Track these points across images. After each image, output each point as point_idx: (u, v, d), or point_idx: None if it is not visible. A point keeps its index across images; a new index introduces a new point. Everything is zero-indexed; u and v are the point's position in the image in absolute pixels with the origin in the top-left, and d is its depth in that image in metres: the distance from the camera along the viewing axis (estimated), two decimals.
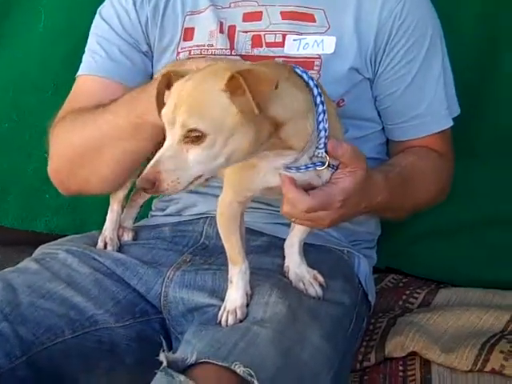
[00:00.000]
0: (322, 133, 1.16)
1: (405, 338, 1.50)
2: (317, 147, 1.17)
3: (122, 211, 1.51)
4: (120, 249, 1.48)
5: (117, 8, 1.53)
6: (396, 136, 1.53)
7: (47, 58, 1.92)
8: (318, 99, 1.15)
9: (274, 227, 1.44)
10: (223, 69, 1.11)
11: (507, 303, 1.68)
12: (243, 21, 1.48)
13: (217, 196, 1.28)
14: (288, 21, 1.46)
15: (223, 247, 1.28)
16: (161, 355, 1.12)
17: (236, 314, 1.24)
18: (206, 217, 1.48)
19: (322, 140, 1.16)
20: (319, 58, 1.43)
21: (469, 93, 1.67)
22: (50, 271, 1.38)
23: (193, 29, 1.51)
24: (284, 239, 1.36)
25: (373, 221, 1.63)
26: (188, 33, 1.51)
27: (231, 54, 1.47)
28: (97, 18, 1.56)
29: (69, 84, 1.57)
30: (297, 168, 1.17)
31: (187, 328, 1.29)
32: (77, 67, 1.56)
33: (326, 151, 1.17)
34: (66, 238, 1.52)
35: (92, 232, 1.53)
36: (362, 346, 1.53)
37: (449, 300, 1.72)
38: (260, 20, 1.47)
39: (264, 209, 1.45)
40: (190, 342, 1.19)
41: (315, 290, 1.31)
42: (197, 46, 1.49)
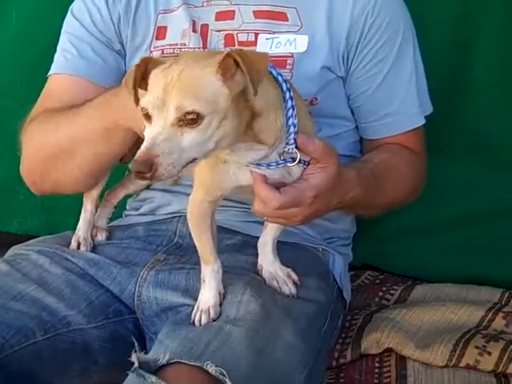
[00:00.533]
0: (292, 128, 1.15)
1: (380, 335, 1.51)
2: (287, 143, 1.16)
3: (96, 211, 1.50)
4: (94, 249, 1.47)
5: (88, 6, 1.52)
6: (369, 134, 1.53)
7: (18, 58, 1.90)
8: (287, 95, 1.14)
9: (248, 225, 1.44)
10: (210, 52, 1.09)
11: (482, 298, 1.70)
12: (216, 20, 1.48)
13: (190, 195, 1.27)
14: (260, 20, 1.46)
15: None
16: (132, 356, 1.12)
17: (209, 314, 1.24)
18: (180, 216, 1.47)
19: (292, 136, 1.15)
20: (292, 57, 1.43)
21: (440, 94, 1.68)
22: (21, 272, 1.37)
23: (165, 28, 1.50)
24: (258, 237, 1.35)
25: (348, 218, 1.63)
26: (161, 32, 1.50)
27: None
28: (68, 16, 1.54)
29: (41, 83, 1.56)
30: (267, 164, 1.16)
31: (161, 328, 1.28)
32: (49, 66, 1.55)
33: (297, 147, 1.16)
34: (39, 239, 1.51)
35: (65, 232, 1.52)
36: (338, 343, 1.53)
37: (424, 296, 1.73)
38: (233, 19, 1.47)
39: (238, 207, 1.45)
40: (163, 342, 1.19)
41: (289, 288, 1.31)
42: (169, 45, 1.49)
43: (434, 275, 1.79)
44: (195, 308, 1.25)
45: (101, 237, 1.49)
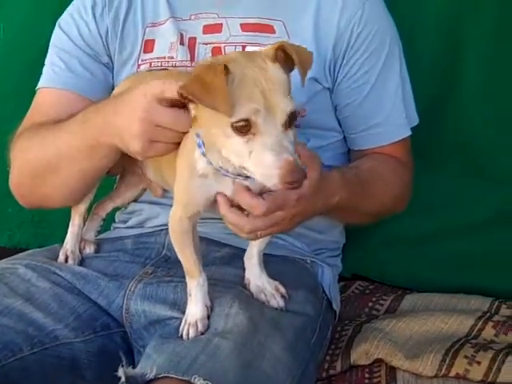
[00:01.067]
0: None
1: (370, 346, 1.50)
2: None
3: (84, 224, 1.50)
4: (82, 262, 1.47)
5: (76, 19, 1.52)
6: (356, 145, 1.53)
7: (8, 71, 1.91)
8: None
9: (237, 238, 1.42)
10: (263, 49, 1.11)
11: (471, 308, 1.69)
12: (203, 33, 1.48)
13: None
14: (248, 33, 1.46)
15: None
16: (119, 371, 1.12)
17: (197, 327, 1.23)
18: (168, 228, 1.47)
19: None
20: None
21: (429, 104, 1.69)
22: (9, 286, 1.36)
23: (153, 41, 1.51)
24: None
25: (337, 229, 1.63)
26: (148, 45, 1.51)
27: (191, 66, 1.46)
28: (56, 30, 1.55)
29: (30, 97, 1.56)
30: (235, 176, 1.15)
31: (149, 341, 1.28)
32: (38, 80, 1.56)
33: None
34: (27, 253, 1.51)
35: (54, 246, 1.52)
36: (328, 355, 1.53)
37: (414, 305, 1.72)
38: (220, 32, 1.48)
39: None
40: (151, 356, 1.18)
41: (277, 302, 1.31)
42: (157, 59, 1.49)
43: (424, 285, 1.79)
44: (183, 322, 1.25)
45: (89, 250, 1.49)
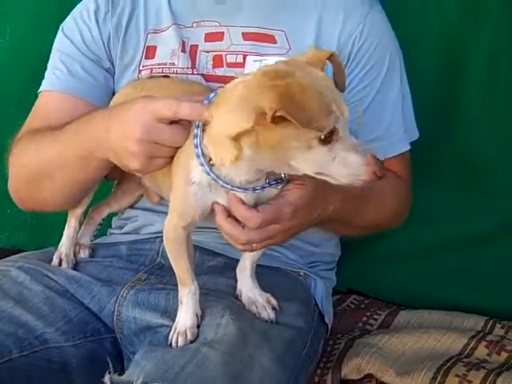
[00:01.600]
0: None
1: (361, 360, 1.50)
2: None
3: (80, 228, 1.50)
4: (76, 266, 1.47)
5: (79, 24, 1.53)
6: None
7: (11, 75, 1.92)
8: None
9: (230, 248, 1.42)
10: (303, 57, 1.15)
11: (466, 326, 1.68)
12: (205, 41, 1.49)
13: None
14: (249, 42, 1.47)
15: None
16: (105, 377, 1.11)
17: (186, 336, 1.23)
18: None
19: None
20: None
21: (429, 117, 1.69)
22: (1, 289, 1.36)
23: (155, 47, 1.51)
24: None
25: (332, 242, 1.63)
26: (150, 51, 1.51)
27: (192, 73, 1.47)
28: (59, 34, 1.56)
29: (32, 100, 1.57)
30: (253, 189, 1.16)
31: (139, 348, 1.28)
32: (40, 83, 1.56)
33: None
34: (20, 255, 1.51)
35: (49, 248, 1.52)
36: (319, 368, 1.52)
37: (408, 322, 1.71)
38: (222, 40, 1.48)
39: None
40: (139, 363, 1.18)
41: (268, 314, 1.30)
42: (158, 65, 1.50)
43: (420, 301, 1.78)
44: (172, 330, 1.25)
45: (83, 254, 1.49)
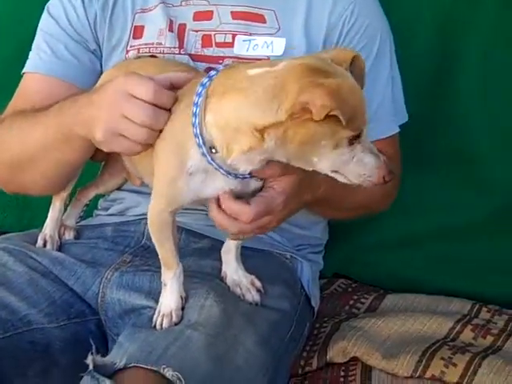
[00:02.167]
0: None
1: (347, 344, 1.50)
2: None
3: (65, 210, 1.49)
4: (61, 248, 1.46)
5: (65, 4, 1.50)
6: None
7: None
8: None
9: (216, 230, 1.42)
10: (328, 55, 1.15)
11: (452, 310, 1.69)
12: (194, 19, 1.47)
13: None
14: (238, 21, 1.45)
15: None
16: (88, 358, 1.11)
17: (171, 317, 1.23)
18: None
19: None
20: (268, 60, 1.42)
21: (421, 107, 1.68)
22: None
23: (142, 27, 1.49)
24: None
25: (320, 225, 1.62)
26: (138, 31, 1.49)
27: (180, 53, 1.45)
28: (44, 14, 1.53)
29: (15, 82, 1.54)
30: (235, 175, 1.15)
31: (123, 329, 1.27)
32: (24, 65, 1.54)
33: None
34: (5, 236, 1.50)
35: (33, 230, 1.51)
36: (305, 351, 1.52)
37: (395, 305, 1.71)
38: (210, 19, 1.46)
39: (206, 211, 1.43)
40: (123, 345, 1.18)
41: (252, 296, 1.30)
42: (145, 45, 1.48)
43: (407, 288, 1.77)
44: (156, 312, 1.24)
45: (68, 236, 1.48)
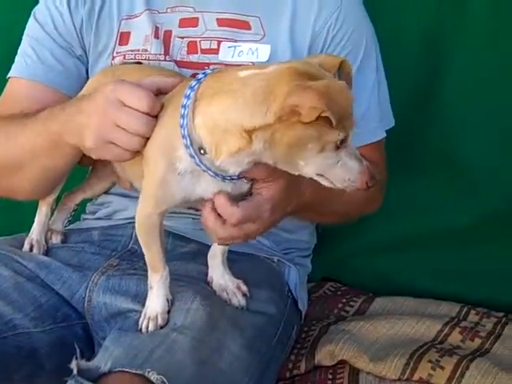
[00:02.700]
0: None
1: (335, 347, 1.50)
2: None
3: (52, 214, 1.49)
4: (47, 252, 1.45)
5: (51, 10, 1.50)
6: None
7: None
8: None
9: (203, 234, 1.42)
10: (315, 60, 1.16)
11: (440, 313, 1.69)
12: (179, 26, 1.47)
13: None
14: (223, 28, 1.45)
15: None
16: (72, 363, 1.11)
17: (157, 321, 1.23)
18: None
19: None
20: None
21: (407, 111, 1.68)
22: None
23: (129, 33, 1.49)
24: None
25: (307, 229, 1.63)
26: (124, 37, 1.49)
27: (165, 60, 1.46)
28: (31, 20, 1.53)
29: (1, 87, 1.54)
30: (223, 177, 1.15)
31: (109, 333, 1.27)
32: (10, 69, 1.54)
33: None
34: None
35: (20, 234, 1.50)
36: (293, 354, 1.53)
37: (384, 308, 1.72)
38: (196, 26, 1.47)
39: (193, 214, 1.44)
40: (108, 349, 1.18)
41: (238, 300, 1.30)
42: (131, 51, 1.48)
43: (395, 291, 1.77)
44: (142, 315, 1.24)
45: (55, 240, 1.48)
